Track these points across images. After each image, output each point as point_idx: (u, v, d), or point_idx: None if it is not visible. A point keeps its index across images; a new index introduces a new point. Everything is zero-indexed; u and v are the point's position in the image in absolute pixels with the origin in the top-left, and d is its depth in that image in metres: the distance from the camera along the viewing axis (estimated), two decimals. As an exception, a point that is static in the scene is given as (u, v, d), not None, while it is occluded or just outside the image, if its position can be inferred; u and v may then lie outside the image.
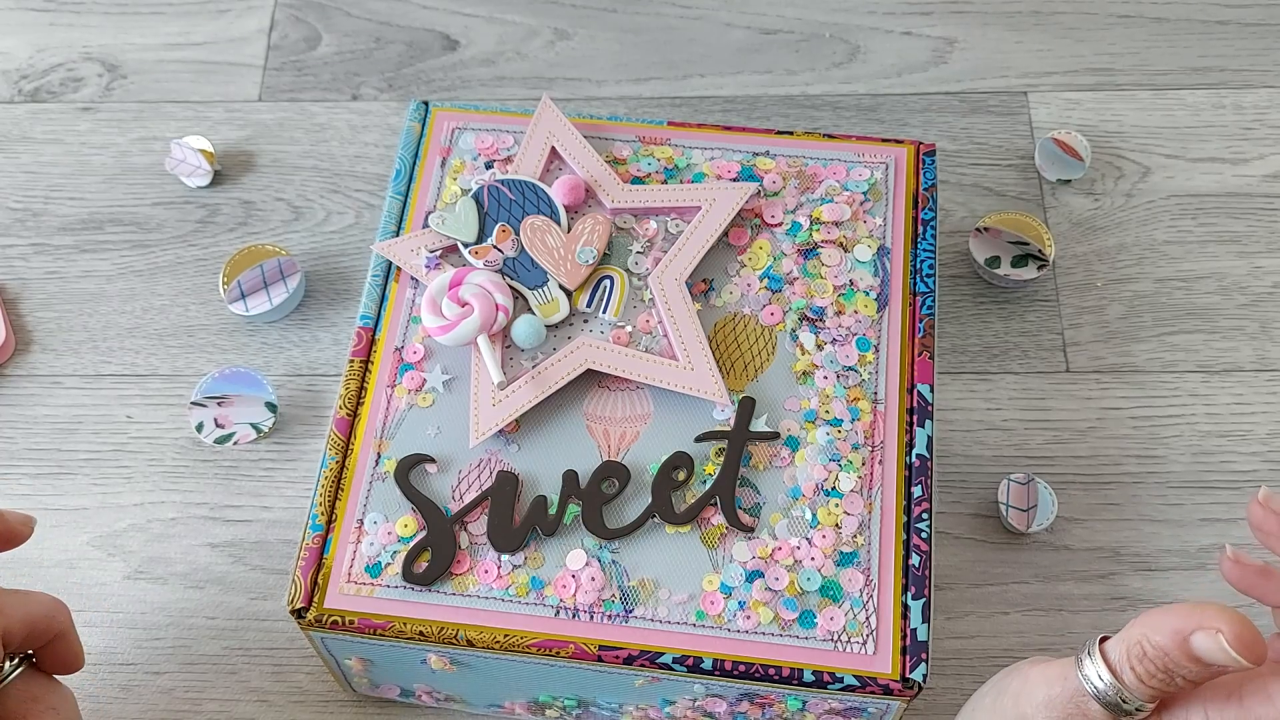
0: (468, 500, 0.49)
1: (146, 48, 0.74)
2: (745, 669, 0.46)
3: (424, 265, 0.54)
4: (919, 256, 0.54)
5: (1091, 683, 0.40)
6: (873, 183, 0.56)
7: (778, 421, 0.51)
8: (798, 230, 0.55)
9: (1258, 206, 0.67)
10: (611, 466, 0.50)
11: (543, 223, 0.54)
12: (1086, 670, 0.41)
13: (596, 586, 0.48)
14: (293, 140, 0.70)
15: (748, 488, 0.50)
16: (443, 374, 0.52)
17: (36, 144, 0.71)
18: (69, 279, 0.66)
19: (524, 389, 0.51)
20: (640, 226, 0.55)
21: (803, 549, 0.48)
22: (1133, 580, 0.58)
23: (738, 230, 0.55)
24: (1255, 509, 0.45)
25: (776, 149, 0.57)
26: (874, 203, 0.55)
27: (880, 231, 0.55)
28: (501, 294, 0.52)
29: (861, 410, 0.51)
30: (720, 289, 0.54)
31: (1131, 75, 0.72)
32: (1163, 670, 0.39)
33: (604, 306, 0.53)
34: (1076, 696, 0.41)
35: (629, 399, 0.52)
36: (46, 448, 0.62)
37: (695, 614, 0.47)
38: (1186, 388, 0.62)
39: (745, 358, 0.52)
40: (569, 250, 0.53)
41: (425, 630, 0.47)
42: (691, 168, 0.56)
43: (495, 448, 0.50)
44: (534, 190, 0.55)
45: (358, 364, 0.52)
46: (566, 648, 0.47)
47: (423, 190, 0.56)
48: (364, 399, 0.51)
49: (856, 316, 0.53)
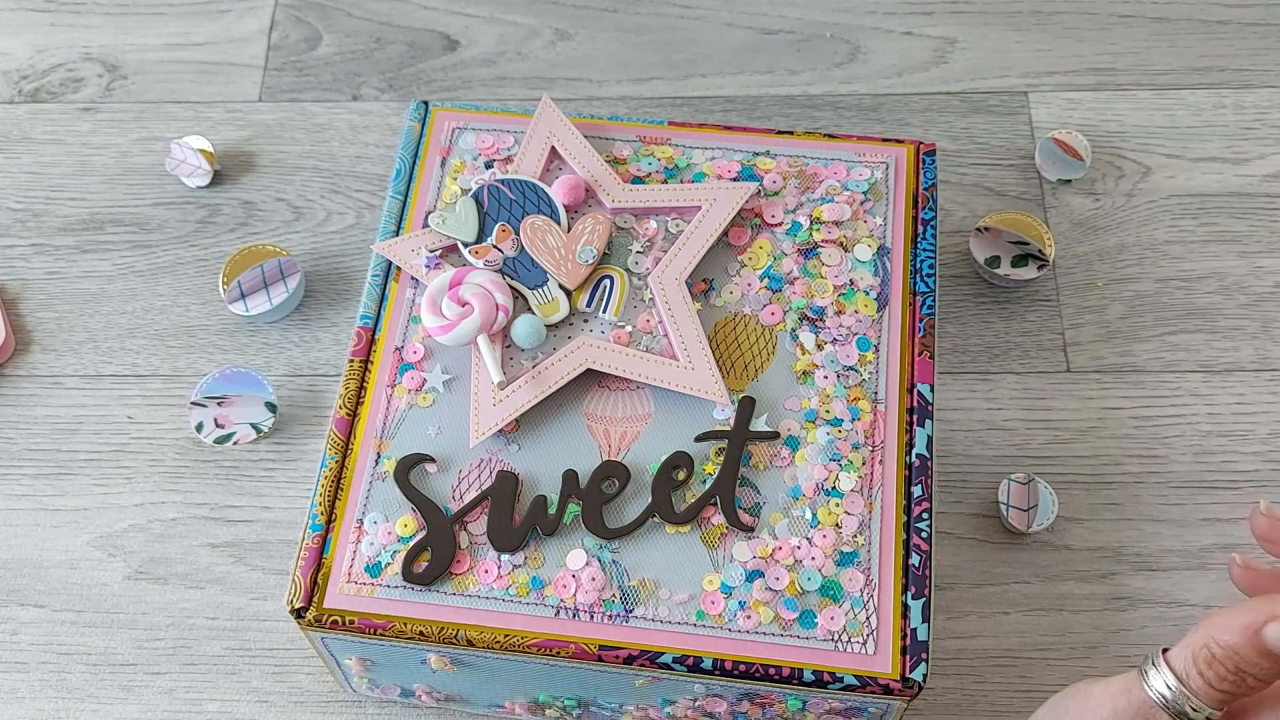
0: (468, 500, 0.49)
1: (147, 48, 0.74)
2: (745, 669, 0.46)
3: (424, 265, 0.54)
4: (919, 256, 0.54)
5: (1159, 691, 0.40)
6: (873, 182, 0.56)
7: (778, 421, 0.51)
8: (798, 230, 0.54)
9: (1258, 206, 0.67)
10: (611, 466, 0.50)
11: (543, 222, 0.54)
12: (1152, 680, 0.40)
13: (597, 586, 0.47)
14: (293, 140, 0.70)
15: (748, 487, 0.50)
16: (443, 374, 0.52)
17: (37, 144, 0.71)
18: (69, 279, 0.66)
19: (524, 389, 0.51)
20: (640, 226, 0.55)
21: (803, 549, 0.48)
22: (1134, 580, 0.58)
23: (738, 230, 0.55)
24: (1260, 520, 0.45)
25: (777, 149, 0.57)
26: (874, 202, 0.55)
27: (880, 231, 0.55)
28: (501, 293, 0.52)
29: (862, 410, 0.51)
30: (720, 289, 0.54)
31: (1132, 75, 0.72)
32: (1233, 672, 0.39)
33: (604, 306, 0.53)
34: (1144, 709, 0.40)
35: (629, 399, 0.52)
36: (47, 448, 0.62)
37: (695, 614, 0.47)
38: (1187, 387, 0.62)
39: (745, 357, 0.52)
40: (569, 250, 0.53)
41: (425, 630, 0.47)
42: (692, 168, 0.56)
43: (495, 447, 0.50)
44: (534, 190, 0.55)
45: (358, 364, 0.52)
46: (567, 648, 0.47)
47: (423, 190, 0.56)
48: (364, 399, 0.51)
49: (857, 316, 0.53)
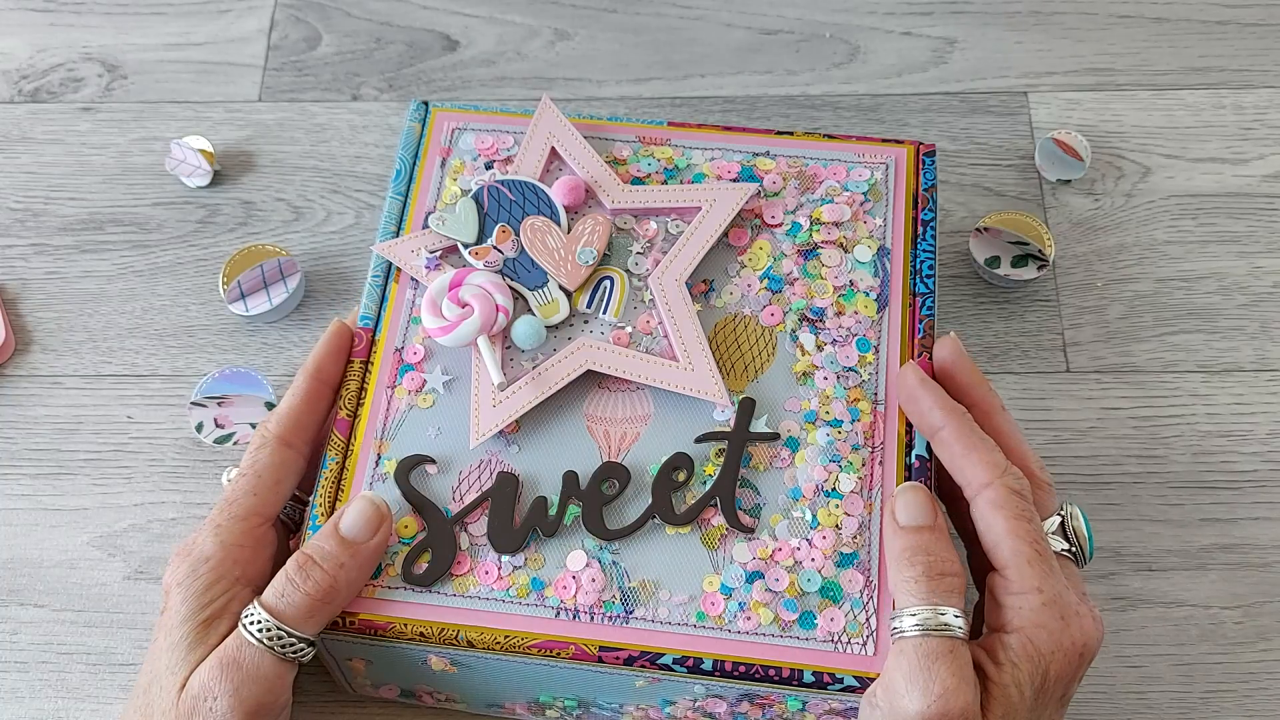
0: (468, 501, 0.49)
1: (146, 48, 0.74)
2: (745, 670, 0.46)
3: (424, 266, 0.54)
4: (919, 257, 0.54)
5: None
6: (873, 183, 0.56)
7: (778, 422, 0.51)
8: (798, 231, 0.54)
9: (1258, 206, 0.67)
10: (612, 467, 0.50)
11: (543, 223, 0.54)
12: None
13: (597, 588, 0.48)
14: (293, 140, 0.70)
15: (748, 488, 0.50)
16: (443, 375, 0.52)
17: (36, 144, 0.70)
18: (69, 279, 0.66)
19: (524, 390, 0.51)
20: (640, 227, 0.55)
21: (803, 550, 0.48)
22: (1133, 580, 0.58)
23: (738, 230, 0.55)
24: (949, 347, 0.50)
25: (777, 149, 0.57)
26: (874, 203, 0.55)
27: (880, 232, 0.55)
28: (501, 295, 0.52)
29: (861, 411, 0.51)
30: (720, 289, 0.54)
31: (1131, 75, 0.72)
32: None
33: (604, 307, 0.53)
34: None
35: (629, 400, 0.52)
36: (46, 448, 0.62)
37: (696, 615, 0.47)
38: (1187, 388, 0.62)
39: (745, 358, 0.52)
40: (569, 251, 0.53)
41: (425, 631, 0.47)
42: (692, 168, 0.56)
43: (495, 448, 0.50)
44: (534, 191, 0.55)
45: (358, 365, 0.52)
46: (567, 649, 0.47)
47: (423, 190, 0.56)
48: (364, 400, 0.51)
49: (856, 317, 0.53)
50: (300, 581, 0.46)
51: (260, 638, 0.45)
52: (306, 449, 0.51)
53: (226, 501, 0.49)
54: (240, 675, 0.45)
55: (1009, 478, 0.46)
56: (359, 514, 0.47)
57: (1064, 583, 0.45)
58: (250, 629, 0.45)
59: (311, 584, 0.46)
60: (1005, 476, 0.46)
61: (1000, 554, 0.46)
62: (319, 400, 0.51)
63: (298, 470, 0.51)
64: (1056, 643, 0.44)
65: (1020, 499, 0.46)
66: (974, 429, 0.48)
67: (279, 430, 0.50)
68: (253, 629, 0.45)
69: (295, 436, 0.50)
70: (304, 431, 0.51)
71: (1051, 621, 0.44)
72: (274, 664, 0.45)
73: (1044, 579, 0.45)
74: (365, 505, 0.48)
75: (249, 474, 0.49)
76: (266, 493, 0.49)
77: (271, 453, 0.50)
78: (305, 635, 0.46)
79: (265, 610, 0.46)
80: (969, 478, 0.47)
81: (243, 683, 0.45)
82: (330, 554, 0.46)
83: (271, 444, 0.50)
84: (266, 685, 0.45)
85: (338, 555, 0.46)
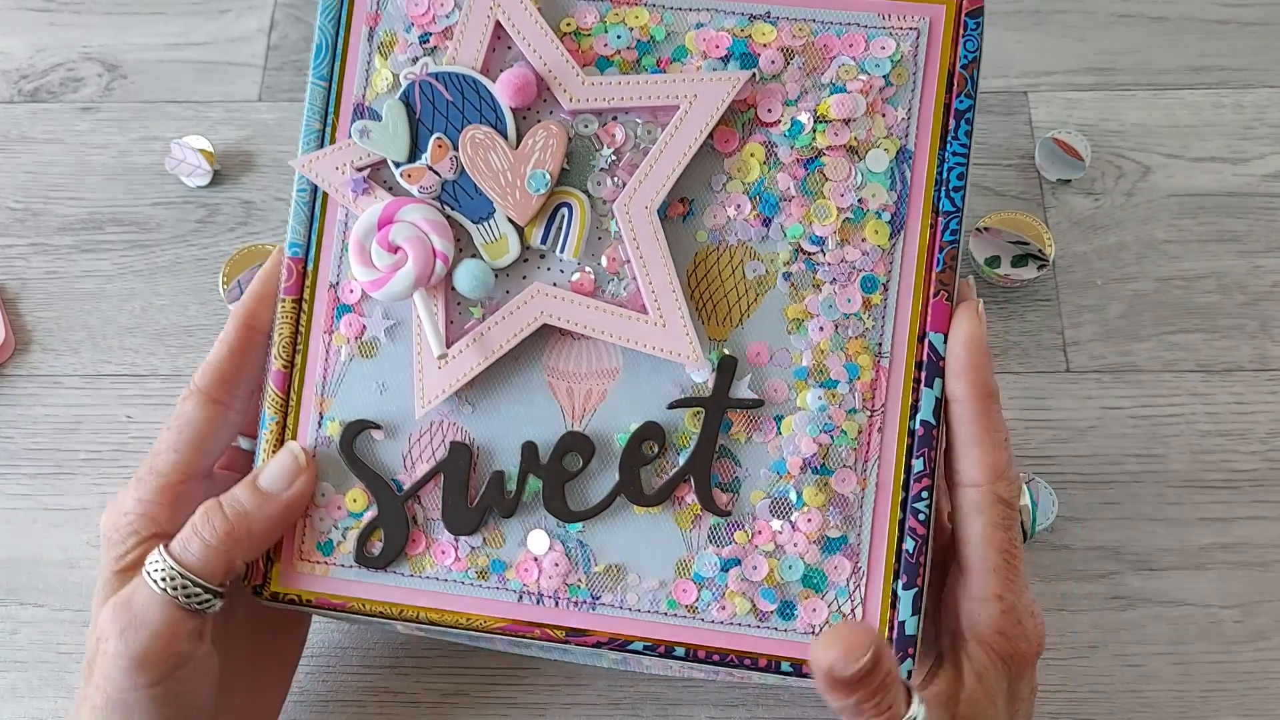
0: (420, 471, 0.46)
1: (146, 48, 0.74)
2: (720, 658, 0.44)
3: (350, 190, 0.47)
4: (947, 164, 0.45)
5: None
6: (897, 59, 0.46)
7: (763, 381, 0.45)
8: (799, 131, 0.46)
9: (1258, 206, 0.67)
10: (575, 438, 0.45)
11: (485, 135, 0.46)
12: None
13: (561, 572, 0.45)
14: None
15: (726, 458, 0.45)
16: (384, 319, 0.47)
17: (36, 144, 0.71)
18: (69, 279, 0.66)
19: (472, 350, 0.46)
20: (605, 133, 0.46)
21: (785, 533, 0.45)
22: (1133, 580, 0.58)
23: (725, 130, 0.46)
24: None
25: (779, 9, 0.46)
26: (897, 88, 0.46)
27: (902, 127, 0.45)
28: (440, 236, 0.45)
29: (861, 367, 0.45)
30: (701, 211, 0.46)
31: (1131, 75, 0.72)
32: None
33: (561, 244, 0.46)
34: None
35: (594, 350, 0.46)
36: (46, 448, 0.62)
37: (667, 602, 0.45)
38: (1186, 387, 0.62)
39: (730, 299, 0.46)
40: (517, 174, 0.45)
41: (385, 610, 0.45)
42: (672, 39, 0.46)
43: (447, 409, 0.46)
44: (474, 88, 0.46)
45: (289, 304, 0.46)
46: (532, 632, 0.45)
47: (349, 74, 0.48)
48: (300, 347, 0.47)
49: (864, 247, 0.45)
50: (200, 526, 0.45)
51: (157, 580, 0.44)
52: (239, 403, 0.48)
53: (150, 455, 0.47)
54: (128, 617, 0.44)
55: (1000, 485, 0.45)
56: (278, 465, 0.46)
57: (1023, 586, 0.45)
58: (150, 574, 0.44)
59: (209, 529, 0.44)
60: (997, 484, 0.45)
61: (968, 555, 0.45)
62: (251, 350, 0.48)
63: (227, 425, 0.48)
64: (1014, 647, 0.45)
65: (1005, 507, 0.45)
66: (992, 417, 0.45)
67: (204, 384, 0.47)
68: (153, 574, 0.44)
69: (221, 391, 0.47)
70: (232, 386, 0.47)
71: (1010, 627, 0.45)
72: (167, 610, 0.44)
73: (1006, 587, 0.45)
74: (284, 456, 0.46)
75: (172, 429, 0.47)
76: (188, 449, 0.47)
77: (195, 408, 0.47)
78: (208, 584, 0.44)
79: (168, 556, 0.44)
80: (963, 468, 0.45)
81: (129, 625, 0.44)
82: (236, 501, 0.45)
83: (195, 398, 0.47)
84: (153, 631, 0.44)
85: (243, 503, 0.45)
